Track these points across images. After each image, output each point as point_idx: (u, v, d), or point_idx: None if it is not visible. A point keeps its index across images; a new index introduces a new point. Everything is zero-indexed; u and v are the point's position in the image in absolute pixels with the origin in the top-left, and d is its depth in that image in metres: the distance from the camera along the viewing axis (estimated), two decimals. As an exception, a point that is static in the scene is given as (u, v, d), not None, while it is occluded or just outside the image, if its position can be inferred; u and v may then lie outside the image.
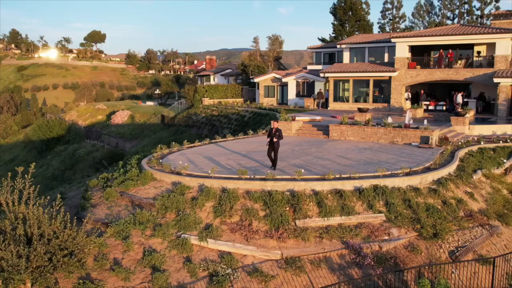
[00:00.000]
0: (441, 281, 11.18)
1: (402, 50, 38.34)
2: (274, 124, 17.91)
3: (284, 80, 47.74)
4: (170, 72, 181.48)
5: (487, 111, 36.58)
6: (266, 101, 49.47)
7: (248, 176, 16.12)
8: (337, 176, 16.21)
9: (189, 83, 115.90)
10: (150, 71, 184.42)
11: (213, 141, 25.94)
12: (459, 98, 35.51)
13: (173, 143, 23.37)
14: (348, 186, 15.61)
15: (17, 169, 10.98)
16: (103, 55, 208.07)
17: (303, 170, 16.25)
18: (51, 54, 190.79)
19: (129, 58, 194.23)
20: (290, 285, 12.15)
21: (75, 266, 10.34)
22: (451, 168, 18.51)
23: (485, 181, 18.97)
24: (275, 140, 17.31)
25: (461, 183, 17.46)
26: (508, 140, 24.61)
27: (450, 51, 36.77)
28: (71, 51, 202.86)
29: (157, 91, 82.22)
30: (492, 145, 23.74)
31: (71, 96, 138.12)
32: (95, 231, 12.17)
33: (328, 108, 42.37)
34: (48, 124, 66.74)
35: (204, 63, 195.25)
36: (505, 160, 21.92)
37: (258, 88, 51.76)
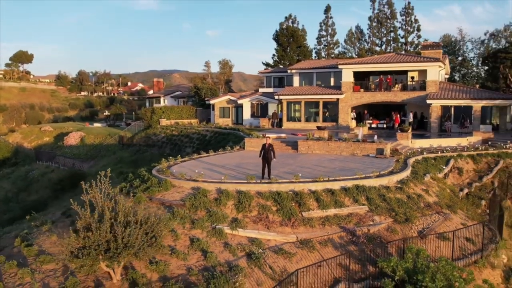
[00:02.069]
0: (421, 249, 15.37)
1: (348, 75, 43.74)
2: (267, 140, 21.59)
3: (239, 101, 51.75)
4: (103, 93, 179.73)
5: (421, 127, 42.62)
6: (222, 121, 53.09)
7: (255, 181, 19.69)
8: (326, 179, 20.22)
9: (125, 104, 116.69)
10: (83, 93, 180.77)
11: (196, 156, 29.05)
12: (411, 117, 41.39)
13: (170, 157, 26.29)
14: (336, 186, 19.65)
15: (100, 173, 13.91)
16: (31, 76, 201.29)
17: (300, 174, 20.12)
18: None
19: (60, 79, 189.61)
20: (307, 259, 15.83)
21: (158, 247, 13.38)
22: (407, 172, 23.15)
23: (433, 182, 23.85)
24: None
25: (417, 183, 22.14)
26: (445, 151, 30.00)
27: (389, 76, 42.67)
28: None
29: (106, 113, 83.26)
30: (432, 155, 28.95)
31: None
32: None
33: (282, 127, 46.72)
34: (-8, 146, 66.13)
35: (138, 84, 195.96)
36: (444, 167, 27.15)
37: (213, 109, 55.35)
